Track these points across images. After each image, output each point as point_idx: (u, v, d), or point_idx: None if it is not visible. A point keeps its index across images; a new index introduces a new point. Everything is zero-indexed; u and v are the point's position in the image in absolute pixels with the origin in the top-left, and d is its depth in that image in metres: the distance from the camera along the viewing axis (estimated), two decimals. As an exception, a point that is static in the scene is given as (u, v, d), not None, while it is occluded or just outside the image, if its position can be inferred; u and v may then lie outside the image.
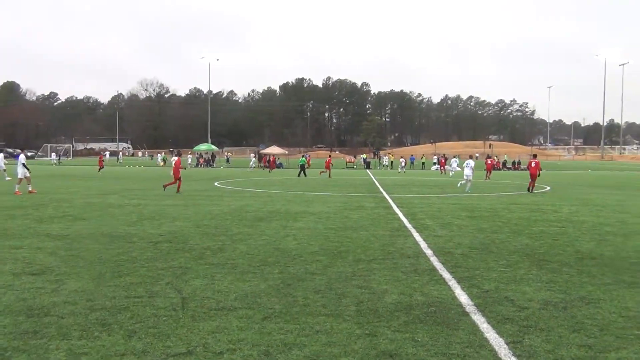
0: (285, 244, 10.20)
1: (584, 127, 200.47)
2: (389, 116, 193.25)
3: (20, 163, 21.57)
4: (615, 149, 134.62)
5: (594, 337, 5.16)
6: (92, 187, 25.08)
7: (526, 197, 21.65)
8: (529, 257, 9.13)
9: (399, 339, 5.07)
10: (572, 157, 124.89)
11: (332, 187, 27.10)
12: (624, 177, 41.05)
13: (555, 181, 34.31)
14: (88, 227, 12.24)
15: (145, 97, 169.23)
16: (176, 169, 22.68)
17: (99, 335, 5.08)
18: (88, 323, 5.43)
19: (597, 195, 23.07)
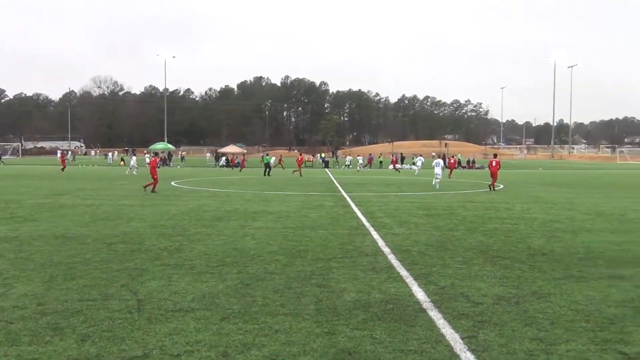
0: (244, 243, 10.14)
1: (535, 127, 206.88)
2: (347, 115, 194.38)
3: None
4: (565, 148, 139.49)
5: (545, 331, 5.34)
6: (43, 187, 24.26)
7: (481, 196, 22.18)
8: (483, 253, 9.36)
9: (358, 336, 5.12)
10: (524, 156, 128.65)
11: (291, 186, 27.08)
12: (572, 176, 42.58)
13: (508, 180, 35.25)
14: (38, 228, 11.84)
15: (99, 94, 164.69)
16: (153, 168, 22.61)
17: (51, 340, 4.93)
18: (39, 328, 5.26)
19: (547, 193, 23.85)
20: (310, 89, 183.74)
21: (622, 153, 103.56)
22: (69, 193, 21.20)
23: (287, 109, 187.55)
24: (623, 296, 6.65)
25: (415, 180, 34.90)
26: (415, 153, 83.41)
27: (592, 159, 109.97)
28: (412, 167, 60.03)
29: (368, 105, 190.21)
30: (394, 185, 29.20)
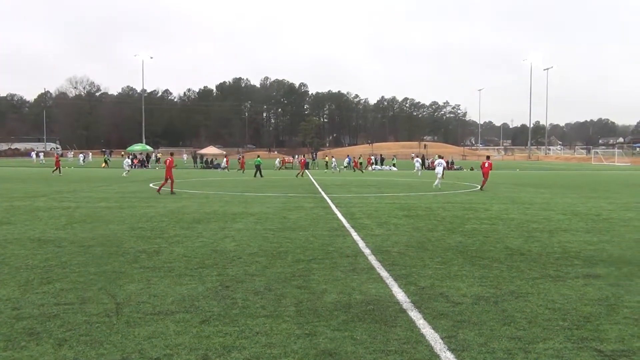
0: (224, 245, 10.08)
1: (512, 128, 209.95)
2: (327, 117, 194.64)
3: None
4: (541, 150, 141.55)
5: (523, 330, 5.41)
6: (17, 190, 23.81)
7: (459, 196, 22.39)
8: (462, 254, 9.45)
9: (339, 337, 5.12)
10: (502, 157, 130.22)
11: (271, 187, 27.01)
12: (549, 176, 43.20)
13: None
14: (13, 231, 11.62)
15: (75, 95, 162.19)
16: (169, 169, 22.66)
17: (26, 345, 4.84)
18: (14, 333, 5.16)
19: (524, 193, 24.18)
20: (289, 91, 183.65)
21: (597, 154, 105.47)
22: (45, 195, 20.85)
23: (267, 110, 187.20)
24: (598, 295, 6.77)
25: (395, 181, 35.08)
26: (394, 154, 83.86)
27: (567, 160, 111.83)
28: (392, 168, 60.40)
29: (348, 106, 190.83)
30: (374, 186, 29.31)
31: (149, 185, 28.32)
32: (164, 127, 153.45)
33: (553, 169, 64.29)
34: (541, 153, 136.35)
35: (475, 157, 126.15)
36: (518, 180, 34.49)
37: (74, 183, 29.49)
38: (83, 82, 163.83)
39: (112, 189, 25.17)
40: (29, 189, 24.48)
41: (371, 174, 46.41)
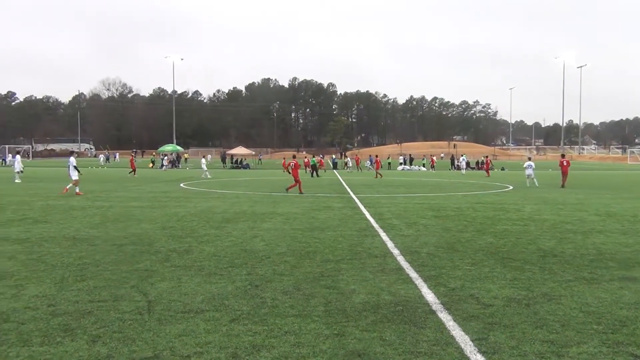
0: (253, 245, 10.15)
1: (544, 127, 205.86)
2: (355, 117, 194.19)
3: (72, 166, 21.89)
4: (575, 149, 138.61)
5: (556, 333, 5.30)
6: (53, 189, 24.42)
7: (490, 197, 22.09)
8: (493, 255, 9.31)
9: (367, 338, 5.11)
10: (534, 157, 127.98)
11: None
12: (582, 176, 42.30)
13: (518, 180, 35.08)
14: (49, 230, 11.93)
15: (108, 96, 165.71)
16: (295, 170, 23.37)
17: (62, 341, 4.96)
18: (50, 329, 5.29)
19: (557, 194, 23.70)
20: (318, 91, 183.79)
21: (633, 154, 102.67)
22: (76, 195, 21.32)
23: (295, 110, 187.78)
24: (635, 298, 6.59)
25: (424, 181, 34.82)
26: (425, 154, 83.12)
27: (602, 159, 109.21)
28: (421, 168, 59.96)
29: (376, 106, 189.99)
30: (403, 186, 29.15)
31: (180, 185, 28.73)
32: (194, 128, 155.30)
33: (587, 169, 62.86)
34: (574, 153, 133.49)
35: (506, 157, 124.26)
36: (550, 180, 33.83)
37: (106, 183, 30.10)
38: (115, 84, 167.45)
39: (144, 189, 25.62)
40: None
41: (400, 174, 46.15)
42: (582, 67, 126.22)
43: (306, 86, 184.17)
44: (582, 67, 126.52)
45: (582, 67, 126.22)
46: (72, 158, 22.74)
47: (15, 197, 20.06)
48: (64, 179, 33.30)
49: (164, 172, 47.52)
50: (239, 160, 65.08)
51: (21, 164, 31.62)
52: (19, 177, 30.34)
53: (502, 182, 33.14)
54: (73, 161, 22.27)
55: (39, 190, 23.63)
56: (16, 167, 30.93)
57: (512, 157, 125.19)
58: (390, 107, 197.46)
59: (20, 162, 31.70)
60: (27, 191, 23.25)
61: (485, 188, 27.94)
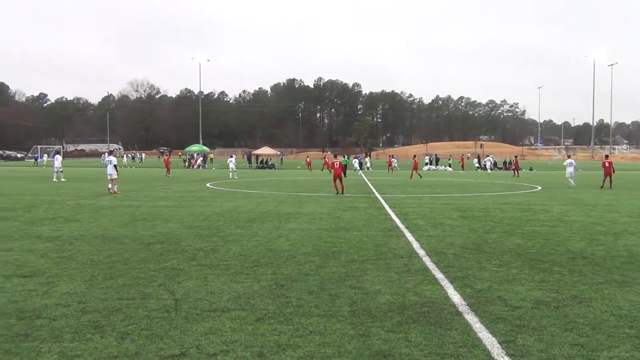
0: (278, 244, 10.19)
1: (574, 127, 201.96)
2: (380, 117, 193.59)
3: (112, 165, 22.62)
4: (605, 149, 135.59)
5: (586, 336, 5.19)
6: (83, 189, 24.93)
7: (518, 197, 21.77)
8: (521, 256, 9.18)
9: (393, 339, 5.08)
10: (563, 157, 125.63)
11: (325, 187, 27.11)
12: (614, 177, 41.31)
13: (546, 181, 34.53)
14: (80, 228, 12.17)
15: (136, 98, 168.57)
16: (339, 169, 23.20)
17: (92, 338, 5.05)
18: (80, 325, 5.40)
19: (587, 194, 23.23)
20: (343, 91, 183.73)
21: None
22: (108, 194, 21.72)
23: (320, 110, 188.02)
24: (669, 302, 6.41)
25: (450, 181, 34.50)
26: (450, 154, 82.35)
27: (634, 159, 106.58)
28: (447, 168, 59.43)
29: (401, 106, 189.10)
30: (428, 186, 28.93)
31: (206, 185, 29.02)
32: (220, 128, 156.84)
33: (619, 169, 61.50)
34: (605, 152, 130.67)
35: (534, 157, 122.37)
36: (580, 181, 33.18)
37: (134, 182, 30.59)
38: (144, 85, 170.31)
39: (171, 188, 25.95)
40: (95, 188, 25.58)
41: (426, 174, 45.82)
42: (612, 65, 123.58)
43: (331, 86, 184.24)
44: (613, 65, 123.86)
45: (612, 65, 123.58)
46: (113, 157, 23.56)
47: (47, 197, 20.53)
48: (94, 178, 34.01)
49: (192, 172, 48.04)
50: (265, 160, 65.44)
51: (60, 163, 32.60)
52: (57, 177, 31.28)
53: (531, 183, 32.63)
54: (114, 160, 23.06)
55: (70, 190, 24.14)
56: (56, 166, 32.01)
57: (540, 157, 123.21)
58: (415, 106, 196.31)
59: (60, 162, 32.72)
60: (58, 190, 23.77)
61: (513, 188, 27.55)
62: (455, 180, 36.59)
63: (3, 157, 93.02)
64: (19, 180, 32.76)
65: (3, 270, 7.83)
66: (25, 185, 28.33)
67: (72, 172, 45.09)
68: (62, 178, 31.36)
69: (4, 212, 15.13)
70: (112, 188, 22.34)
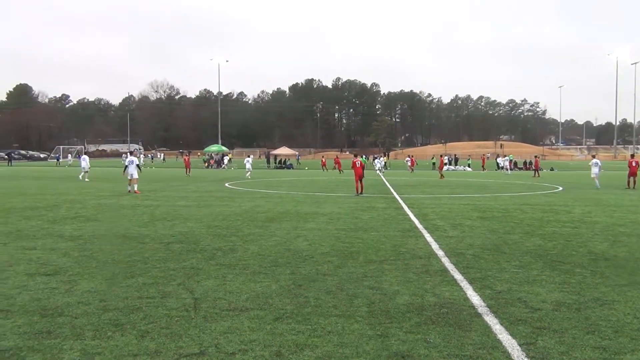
0: (296, 244, 10.21)
1: (596, 126, 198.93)
2: (399, 116, 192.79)
3: (134, 165, 23.10)
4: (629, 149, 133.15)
5: (608, 339, 5.11)
6: (104, 189, 25.26)
7: (538, 198, 21.51)
8: (541, 258, 9.06)
9: (411, 340, 5.06)
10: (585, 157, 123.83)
11: (343, 187, 27.09)
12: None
13: (568, 181, 34.06)
14: (101, 228, 12.33)
15: (156, 98, 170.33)
16: (360, 169, 22.78)
17: (112, 336, 5.12)
18: (101, 323, 5.47)
19: (610, 195, 22.86)
20: (361, 91, 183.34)
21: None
22: (128, 194, 21.97)
23: (339, 110, 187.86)
24: (694, 305, 6.28)
25: (470, 182, 34.23)
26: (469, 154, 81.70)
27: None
28: (466, 168, 58.98)
29: (420, 106, 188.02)
30: (448, 187, 28.72)
31: (225, 185, 29.19)
32: (238, 128, 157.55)
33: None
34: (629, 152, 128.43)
35: (555, 157, 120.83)
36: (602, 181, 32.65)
37: (154, 182, 30.89)
38: (163, 86, 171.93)
39: (190, 188, 26.16)
40: (116, 188, 25.89)
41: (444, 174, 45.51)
42: (636, 64, 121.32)
43: (350, 86, 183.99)
44: (637, 63, 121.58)
45: (636, 64, 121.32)
46: (134, 157, 24.04)
47: (69, 196, 20.84)
48: (115, 178, 34.42)
49: (211, 172, 48.37)
50: (283, 161, 65.63)
51: (88, 163, 33.47)
52: (85, 176, 32.08)
53: (552, 183, 32.22)
54: (135, 160, 23.53)
55: (92, 190, 24.47)
56: (83, 166, 32.89)
57: (561, 157, 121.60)
58: (434, 106, 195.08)
59: (88, 161, 33.58)
60: (80, 190, 24.12)
61: (534, 189, 27.23)
62: (475, 180, 36.29)
63: (26, 157, 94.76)
64: (41, 180, 33.33)
65: (27, 269, 7.97)
66: (47, 184, 28.81)
67: (93, 172, 45.68)
68: (87, 178, 31.94)
69: (27, 211, 15.40)
70: (132, 188, 22.64)
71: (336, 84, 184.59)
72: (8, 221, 13.33)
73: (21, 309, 5.92)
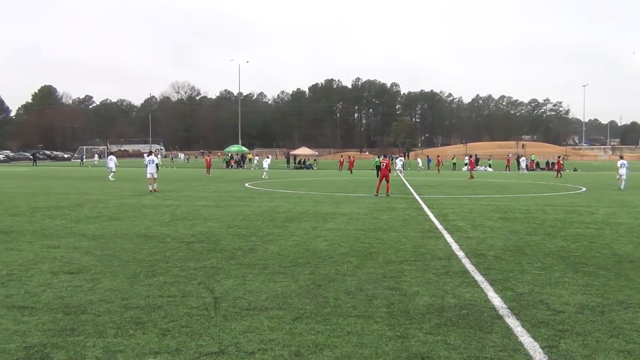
0: (316, 244, 10.22)
1: (620, 126, 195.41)
2: (419, 116, 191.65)
3: (154, 164, 23.94)
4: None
5: (633, 343, 5.02)
6: (126, 189, 25.58)
7: (561, 199, 21.20)
8: (564, 259, 8.93)
9: (431, 341, 5.02)
10: (609, 157, 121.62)
11: (362, 188, 27.03)
12: (663, 178, 39.79)
13: (591, 182, 33.52)
14: (123, 227, 12.49)
15: (177, 99, 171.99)
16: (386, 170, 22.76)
17: (134, 334, 5.18)
18: (123, 321, 5.54)
19: (635, 196, 22.43)
20: (381, 91, 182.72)
21: None
22: (150, 194, 22.22)
23: (358, 110, 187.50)
24: None
25: (491, 182, 33.89)
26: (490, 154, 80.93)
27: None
28: (487, 168, 58.43)
29: (441, 105, 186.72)
30: (468, 187, 28.47)
31: (245, 185, 29.34)
32: (258, 129, 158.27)
33: (668, 170, 59.12)
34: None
35: (578, 157, 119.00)
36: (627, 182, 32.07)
37: (175, 182, 31.19)
38: (184, 87, 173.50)
39: (210, 188, 26.35)
40: (138, 187, 26.21)
41: (465, 175, 45.11)
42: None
43: (369, 86, 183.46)
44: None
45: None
46: (155, 157, 24.92)
47: (92, 196, 21.15)
48: (137, 178, 34.84)
49: (231, 172, 48.65)
50: (302, 161, 65.75)
51: (116, 163, 34.82)
52: (112, 176, 33.11)
53: (575, 184, 31.73)
54: (156, 159, 24.36)
55: (114, 190, 24.80)
56: (110, 166, 34.10)
57: (584, 157, 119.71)
58: (455, 106, 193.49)
59: (115, 162, 34.92)
60: (103, 190, 24.46)
61: (556, 190, 26.85)
62: (496, 181, 35.92)
63: (51, 158, 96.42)
64: (65, 180, 33.88)
65: (51, 267, 8.11)
66: (71, 184, 29.28)
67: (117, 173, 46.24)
68: (112, 178, 32.79)
69: (51, 211, 15.67)
70: (153, 186, 23.17)
71: (356, 84, 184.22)
72: (33, 220, 13.58)
73: (45, 307, 6.03)
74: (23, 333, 5.18)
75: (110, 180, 32.01)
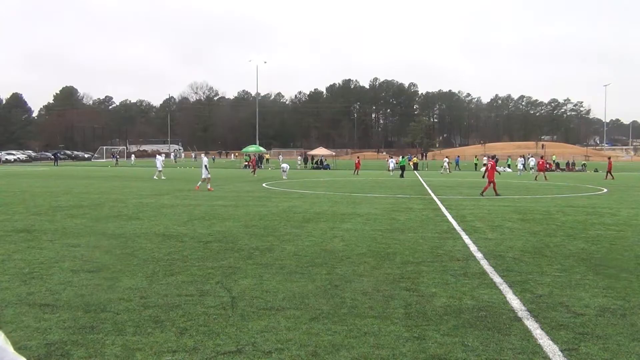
0: (333, 245, 10.21)
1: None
2: (437, 117, 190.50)
3: (203, 165, 25.17)
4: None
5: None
6: (145, 188, 25.83)
7: (581, 200, 20.91)
8: (584, 261, 8.81)
9: (449, 343, 4.99)
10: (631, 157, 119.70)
11: (380, 188, 26.96)
12: (687, 179, 39.04)
13: (613, 183, 32.98)
14: (141, 226, 12.61)
15: (196, 100, 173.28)
16: (492, 171, 22.83)
17: (152, 332, 5.23)
18: (142, 319, 5.60)
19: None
20: (399, 91, 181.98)
21: None
22: (168, 194, 22.42)
23: (376, 111, 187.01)
24: None
25: (509, 183, 33.55)
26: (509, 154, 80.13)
27: None
28: (505, 169, 57.84)
29: (459, 106, 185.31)
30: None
31: (262, 185, 29.44)
32: (276, 129, 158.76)
33: (692, 171, 58.00)
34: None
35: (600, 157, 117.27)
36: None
37: (193, 183, 31.40)
38: (203, 88, 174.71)
39: (228, 188, 26.50)
40: (156, 187, 26.46)
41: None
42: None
43: (387, 86, 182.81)
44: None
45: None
46: (205, 157, 26.28)
47: (112, 195, 21.40)
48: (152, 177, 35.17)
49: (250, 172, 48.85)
50: (320, 161, 65.76)
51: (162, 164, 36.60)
52: (158, 175, 35.24)
53: (596, 185, 31.27)
54: (205, 160, 25.46)
55: (133, 189, 25.07)
56: (158, 165, 36.07)
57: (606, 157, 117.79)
58: (473, 106, 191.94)
59: (162, 162, 36.84)
60: (122, 189, 24.74)
61: (577, 191, 26.49)
62: (515, 182, 35.53)
63: (71, 157, 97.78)
64: (85, 180, 34.31)
65: (71, 265, 8.22)
66: (91, 184, 29.65)
67: (136, 172, 46.79)
68: (160, 176, 34.93)
69: (72, 210, 15.89)
70: (202, 186, 24.53)
71: (373, 84, 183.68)
72: (54, 219, 13.78)
73: (66, 304, 6.11)
74: (44, 330, 5.26)
75: (158, 179, 33.83)
